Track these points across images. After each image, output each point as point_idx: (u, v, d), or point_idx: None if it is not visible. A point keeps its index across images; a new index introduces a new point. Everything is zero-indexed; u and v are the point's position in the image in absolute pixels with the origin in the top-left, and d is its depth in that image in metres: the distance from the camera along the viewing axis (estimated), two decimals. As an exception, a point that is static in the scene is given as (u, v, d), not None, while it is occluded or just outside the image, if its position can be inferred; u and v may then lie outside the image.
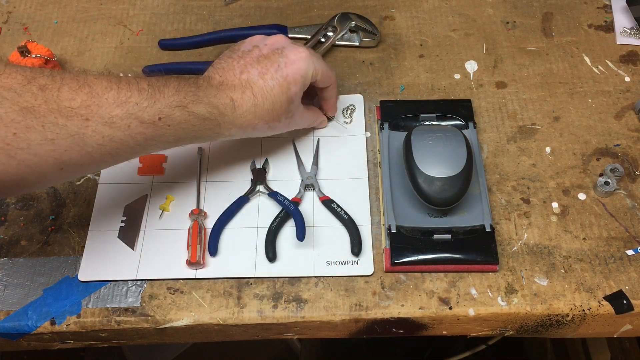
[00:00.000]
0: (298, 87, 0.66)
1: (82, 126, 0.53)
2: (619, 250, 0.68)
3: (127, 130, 0.56)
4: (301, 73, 0.66)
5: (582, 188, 0.72)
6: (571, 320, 0.65)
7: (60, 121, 0.52)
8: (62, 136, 0.53)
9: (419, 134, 0.69)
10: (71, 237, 0.69)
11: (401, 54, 0.84)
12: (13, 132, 0.50)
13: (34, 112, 0.51)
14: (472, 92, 0.80)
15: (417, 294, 0.65)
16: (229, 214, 0.70)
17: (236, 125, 0.64)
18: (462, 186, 0.66)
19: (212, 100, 0.61)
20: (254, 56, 0.66)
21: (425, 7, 0.89)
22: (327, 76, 0.70)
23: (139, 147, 0.58)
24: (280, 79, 0.65)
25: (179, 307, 0.64)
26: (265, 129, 0.67)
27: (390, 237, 0.67)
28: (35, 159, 0.52)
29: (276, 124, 0.67)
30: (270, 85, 0.64)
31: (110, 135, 0.55)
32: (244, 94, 0.63)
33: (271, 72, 0.65)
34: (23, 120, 0.51)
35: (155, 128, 0.58)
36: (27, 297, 0.65)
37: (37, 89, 0.52)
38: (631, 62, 0.83)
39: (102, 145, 0.55)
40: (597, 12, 0.88)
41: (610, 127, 0.77)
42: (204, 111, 0.61)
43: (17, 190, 0.55)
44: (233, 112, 0.63)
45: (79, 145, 0.54)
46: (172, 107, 0.58)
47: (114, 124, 0.55)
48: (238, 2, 0.91)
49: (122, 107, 0.55)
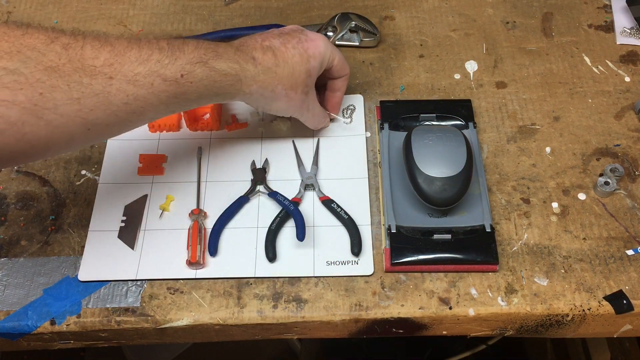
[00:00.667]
0: (317, 62, 0.68)
1: (107, 84, 0.54)
2: (619, 250, 0.68)
3: (151, 88, 0.56)
4: (320, 50, 0.68)
5: (582, 188, 0.72)
6: (571, 320, 0.65)
7: (85, 80, 0.52)
8: (88, 95, 0.53)
9: (419, 134, 0.69)
10: (71, 237, 0.69)
11: (401, 54, 0.84)
12: (39, 92, 0.50)
13: (58, 72, 0.51)
14: (472, 92, 0.80)
15: (417, 294, 0.65)
16: (229, 214, 0.70)
17: (257, 82, 0.64)
18: (462, 186, 0.66)
19: (233, 56, 0.62)
20: (275, 32, 0.68)
21: (425, 7, 0.89)
22: (342, 65, 0.72)
23: (163, 106, 0.58)
24: (301, 49, 0.66)
25: (179, 307, 0.64)
26: (283, 96, 0.67)
27: (390, 237, 0.67)
28: (62, 119, 0.52)
29: (293, 94, 0.67)
30: (292, 52, 0.66)
31: (135, 93, 0.55)
32: (265, 54, 0.65)
33: (292, 42, 0.67)
34: (48, 80, 0.51)
35: (177, 85, 0.58)
36: (27, 297, 0.65)
37: (60, 48, 0.52)
38: (631, 62, 0.83)
39: (127, 104, 0.55)
40: (597, 12, 0.88)
41: (610, 127, 0.77)
42: (224, 66, 0.61)
43: (47, 152, 0.55)
44: (255, 68, 0.64)
45: (104, 105, 0.54)
46: (193, 63, 0.59)
47: (138, 82, 0.55)
48: (238, 2, 0.91)
49: (145, 65, 0.56)
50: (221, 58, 0.61)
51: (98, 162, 0.74)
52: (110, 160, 0.74)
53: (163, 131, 0.76)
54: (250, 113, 0.78)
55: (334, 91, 0.75)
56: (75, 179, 0.73)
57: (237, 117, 0.78)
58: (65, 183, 0.73)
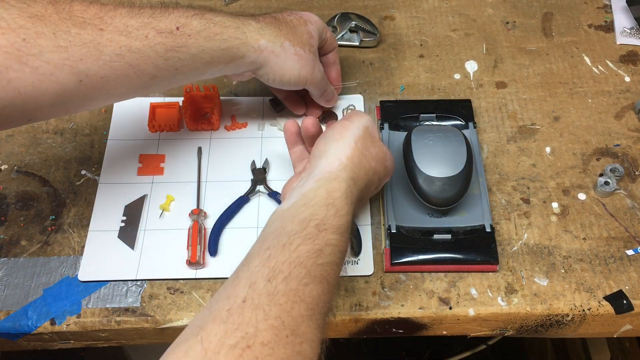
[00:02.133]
0: (314, 28, 0.69)
1: (97, 35, 0.53)
2: (619, 250, 0.68)
3: (145, 40, 0.55)
4: (315, 19, 0.70)
5: (582, 188, 0.72)
6: (571, 320, 0.65)
7: (72, 30, 0.52)
8: (76, 44, 0.52)
9: (419, 134, 0.69)
10: (71, 237, 0.69)
11: (401, 54, 0.84)
12: (22, 37, 0.50)
13: (43, 20, 0.51)
14: (472, 92, 0.80)
15: (417, 294, 0.65)
16: (229, 214, 0.70)
17: (263, 35, 0.64)
18: (462, 186, 0.65)
19: (230, 16, 0.62)
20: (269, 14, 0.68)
21: (425, 7, 0.89)
22: (332, 37, 0.73)
23: (161, 60, 0.57)
24: (297, 16, 0.68)
25: (179, 307, 0.64)
26: (293, 54, 0.66)
27: (390, 237, 0.67)
28: (48, 66, 0.51)
29: (302, 52, 0.67)
30: (289, 18, 0.67)
31: (128, 45, 0.55)
32: (264, 18, 0.65)
33: (287, 13, 0.68)
34: (32, 27, 0.50)
35: (174, 37, 0.57)
36: (27, 297, 0.65)
37: (47, 2, 0.52)
38: (631, 62, 0.83)
39: (120, 55, 0.54)
40: (597, 12, 0.88)
41: (610, 127, 0.77)
42: (223, 19, 0.60)
43: (40, 105, 0.53)
44: (257, 23, 0.64)
45: (94, 55, 0.53)
46: (189, 16, 0.58)
47: (130, 33, 0.55)
48: (238, 2, 0.91)
49: (137, 18, 0.55)
50: (219, 13, 0.61)
51: (98, 162, 0.74)
52: (110, 160, 0.74)
53: (163, 131, 0.76)
54: (250, 113, 0.78)
55: (331, 65, 0.75)
56: (75, 179, 0.73)
57: (237, 117, 0.78)
58: (65, 183, 0.73)
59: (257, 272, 0.46)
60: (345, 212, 0.53)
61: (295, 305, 0.45)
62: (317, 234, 0.50)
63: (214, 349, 0.41)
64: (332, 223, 0.51)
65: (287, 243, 0.48)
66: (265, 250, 0.48)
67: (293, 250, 0.48)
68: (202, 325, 0.43)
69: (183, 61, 0.59)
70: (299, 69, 0.67)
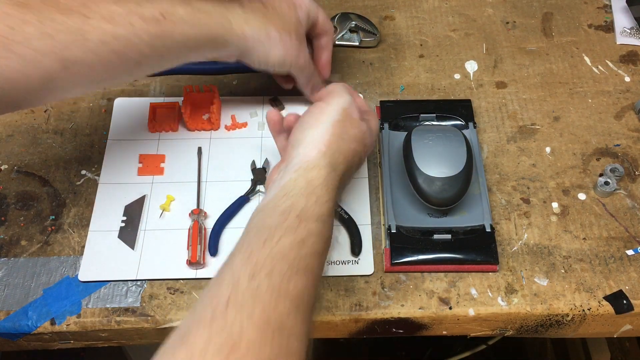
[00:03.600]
0: (304, 12, 0.67)
1: (82, 23, 0.53)
2: (619, 250, 0.68)
3: (130, 28, 0.56)
4: (305, 1, 0.68)
5: (582, 188, 0.72)
6: (571, 320, 0.65)
7: (58, 17, 0.52)
8: (62, 31, 0.53)
9: (419, 134, 0.69)
10: (71, 237, 0.69)
11: (401, 54, 0.84)
12: (9, 25, 0.51)
13: (29, 7, 0.51)
14: (472, 92, 0.80)
15: (417, 294, 0.65)
16: (229, 214, 0.70)
17: (249, 23, 0.63)
18: (462, 186, 0.66)
19: (216, 2, 0.61)
20: None
21: (425, 7, 0.89)
22: (326, 20, 0.71)
23: (148, 48, 0.58)
24: (287, 1, 0.67)
25: (179, 307, 0.64)
26: (278, 41, 0.65)
27: (390, 237, 0.67)
28: (35, 53, 0.52)
29: (288, 39, 0.66)
30: (279, 2, 0.66)
31: (113, 32, 0.55)
32: (252, 2, 0.64)
33: None
34: (19, 15, 0.51)
35: (159, 25, 0.57)
36: (27, 297, 0.65)
37: None
38: (631, 62, 0.83)
39: (105, 42, 0.55)
40: (597, 12, 0.88)
41: (610, 127, 0.77)
42: (209, 7, 0.60)
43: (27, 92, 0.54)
44: (243, 10, 0.63)
45: (79, 42, 0.54)
46: (174, 4, 0.58)
47: (115, 20, 0.55)
48: (238, 2, 0.91)
49: (121, 5, 0.55)
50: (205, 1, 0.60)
51: (98, 162, 0.74)
52: (110, 160, 0.74)
53: (163, 131, 0.76)
54: (250, 113, 0.78)
55: (321, 50, 0.74)
56: (75, 179, 0.73)
57: (237, 117, 0.78)
58: (65, 183, 0.73)
59: (239, 270, 0.46)
60: (327, 200, 0.53)
61: (280, 300, 0.45)
62: (299, 224, 0.49)
63: (200, 353, 0.41)
64: (313, 212, 0.51)
65: (269, 237, 0.48)
66: (246, 246, 0.48)
67: (275, 244, 0.48)
68: (187, 329, 0.43)
69: (168, 48, 0.59)
70: (283, 55, 0.67)
